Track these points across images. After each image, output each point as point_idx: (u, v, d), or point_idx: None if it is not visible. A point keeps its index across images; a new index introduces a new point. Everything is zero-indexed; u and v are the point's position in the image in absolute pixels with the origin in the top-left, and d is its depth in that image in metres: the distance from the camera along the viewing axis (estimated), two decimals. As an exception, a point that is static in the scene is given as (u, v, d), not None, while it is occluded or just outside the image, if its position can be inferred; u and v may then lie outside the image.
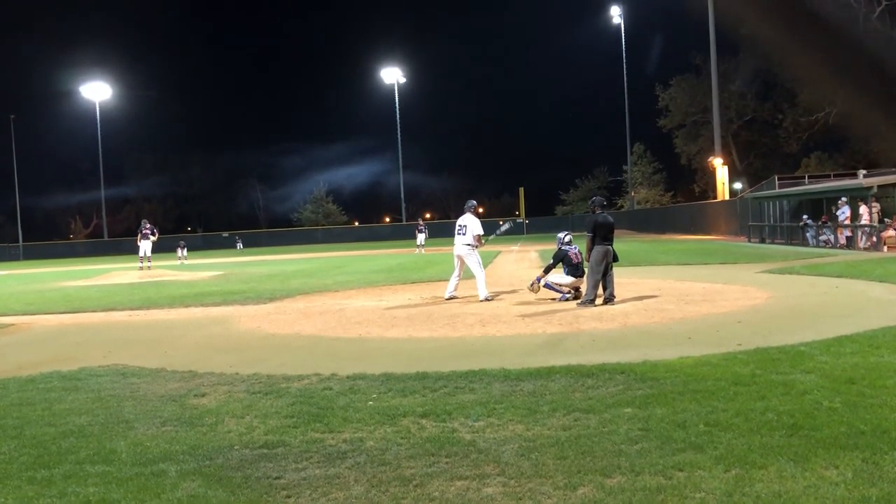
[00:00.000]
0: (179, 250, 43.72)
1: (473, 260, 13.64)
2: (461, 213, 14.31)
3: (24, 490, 4.29)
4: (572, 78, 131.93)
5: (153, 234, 32.06)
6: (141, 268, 30.36)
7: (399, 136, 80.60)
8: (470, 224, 13.72)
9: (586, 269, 12.38)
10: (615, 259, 12.23)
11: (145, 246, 31.38)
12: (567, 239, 13.36)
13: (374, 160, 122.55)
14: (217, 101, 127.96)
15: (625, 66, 70.02)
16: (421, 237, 40.88)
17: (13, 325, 12.93)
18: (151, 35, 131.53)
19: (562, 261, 13.02)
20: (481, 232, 13.85)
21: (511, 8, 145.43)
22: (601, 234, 12.02)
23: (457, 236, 13.83)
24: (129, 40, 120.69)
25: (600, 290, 12.00)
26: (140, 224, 33.26)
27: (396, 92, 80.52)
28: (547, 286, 13.10)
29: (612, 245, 12.16)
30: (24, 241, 76.05)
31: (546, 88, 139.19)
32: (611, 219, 12.49)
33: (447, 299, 13.68)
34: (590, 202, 13.08)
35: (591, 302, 11.79)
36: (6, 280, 30.18)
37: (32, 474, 4.54)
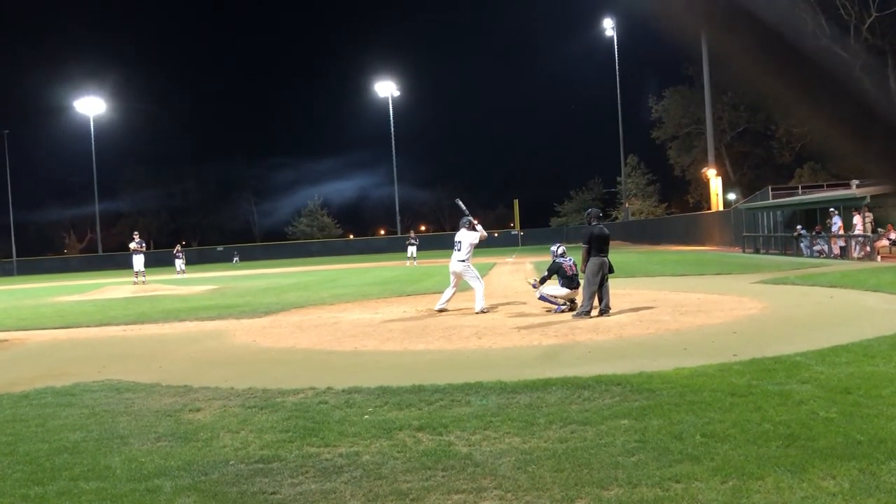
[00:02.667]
0: (178, 262, 43.55)
1: (470, 274, 13.68)
2: (456, 225, 14.35)
3: (18, 507, 4.26)
4: (566, 90, 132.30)
5: (141, 246, 32.09)
6: (136, 282, 30.28)
7: (394, 148, 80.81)
8: (464, 239, 13.75)
9: (581, 281, 12.39)
10: (611, 270, 12.25)
11: (139, 261, 31.35)
12: (561, 251, 13.38)
13: (368, 173, 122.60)
14: (211, 114, 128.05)
15: (618, 78, 70.35)
16: (412, 249, 40.96)
17: (7, 340, 12.87)
18: (145, 50, 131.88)
19: (556, 273, 13.03)
20: (476, 241, 13.87)
21: (505, 20, 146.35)
22: (597, 246, 12.04)
23: (453, 252, 13.88)
24: (123, 55, 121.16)
25: (596, 302, 12.00)
26: (133, 237, 33.20)
27: (391, 105, 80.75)
28: (542, 298, 13.10)
29: (607, 256, 12.18)
30: (18, 256, 75.81)
31: (540, 100, 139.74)
32: (606, 230, 12.51)
33: (438, 311, 13.68)
34: (586, 213, 13.09)
35: (587, 313, 11.79)
36: (0, 295, 30.06)
37: (26, 491, 4.50)
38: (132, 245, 31.99)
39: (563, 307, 12.79)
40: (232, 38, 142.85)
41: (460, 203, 14.45)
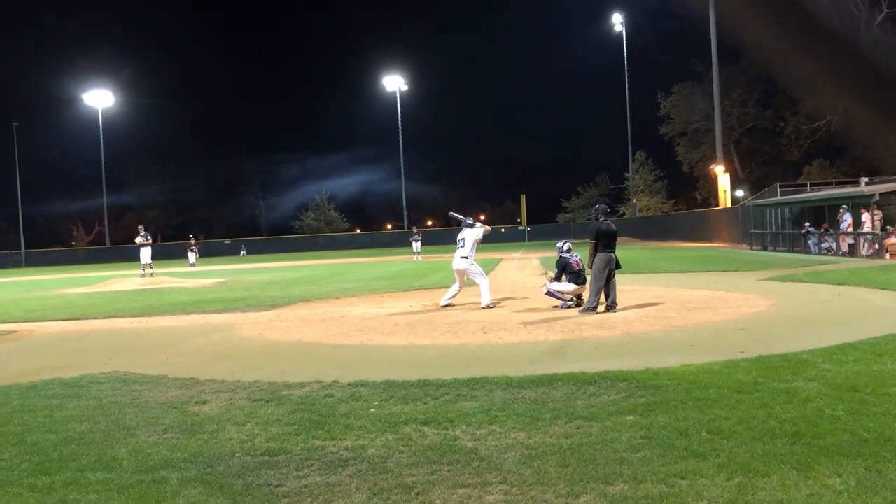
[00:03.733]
0: (191, 255, 43.97)
1: (475, 271, 13.73)
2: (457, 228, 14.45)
3: (26, 497, 4.29)
4: (574, 86, 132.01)
5: (147, 239, 31.99)
6: (143, 275, 30.31)
7: (401, 143, 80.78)
8: (468, 236, 13.79)
9: (588, 277, 12.38)
10: (618, 266, 12.23)
11: (146, 254, 31.32)
12: (566, 247, 13.37)
13: (375, 168, 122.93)
14: (218, 108, 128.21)
15: (626, 74, 70.13)
16: (416, 245, 41.24)
17: (15, 331, 12.94)
18: (153, 43, 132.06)
19: (563, 269, 13.02)
20: (480, 236, 13.90)
21: (513, 16, 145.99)
22: (604, 242, 12.02)
23: (457, 249, 13.91)
24: (132, 48, 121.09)
25: (602, 298, 11.98)
26: (138, 230, 33.12)
27: (398, 99, 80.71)
28: (549, 293, 13.11)
29: (614, 252, 12.15)
30: (26, 248, 76.16)
31: (548, 96, 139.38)
32: (614, 226, 12.49)
33: (442, 306, 13.69)
34: (593, 209, 13.09)
35: (594, 309, 11.77)
36: (8, 287, 30.21)
37: (34, 481, 4.53)
38: (138, 239, 31.97)
39: (570, 303, 12.78)
40: (240, 33, 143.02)
41: (454, 214, 14.62)
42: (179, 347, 10.27)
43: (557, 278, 13.15)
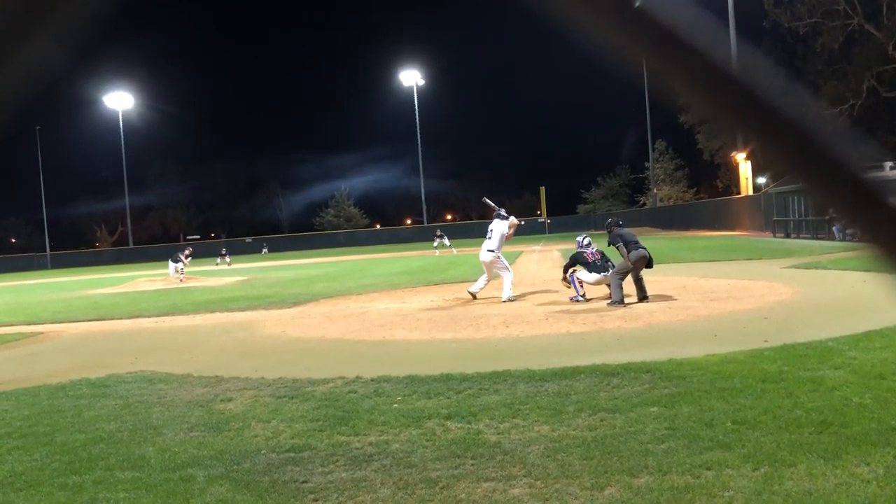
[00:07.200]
0: (219, 258, 44.26)
1: (500, 265, 13.73)
2: (483, 214, 14.42)
3: (56, 496, 4.35)
4: (592, 75, 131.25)
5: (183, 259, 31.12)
6: (182, 279, 29.71)
7: (419, 138, 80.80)
8: (496, 227, 13.80)
9: (608, 270, 12.27)
10: (649, 265, 12.02)
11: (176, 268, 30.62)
12: (586, 241, 13.25)
13: (394, 163, 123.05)
14: (238, 107, 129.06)
15: (644, 63, 69.40)
16: (440, 242, 41.35)
17: (42, 333, 13.12)
18: (172, 45, 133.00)
19: (578, 262, 12.87)
20: (506, 230, 13.88)
21: (529, 6, 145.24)
22: (632, 241, 11.93)
23: (485, 241, 13.94)
24: (151, 51, 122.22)
25: (635, 290, 11.88)
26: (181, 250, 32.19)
27: (416, 94, 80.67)
28: (572, 280, 13.01)
29: (646, 250, 11.97)
30: (51, 250, 77.16)
31: (566, 86, 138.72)
32: (631, 231, 12.53)
33: (469, 291, 13.91)
34: (605, 224, 12.99)
35: (620, 302, 11.64)
36: (35, 289, 30.63)
37: (64, 480, 4.60)
38: (181, 266, 30.89)
39: (581, 298, 12.67)
40: (259, 33, 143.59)
41: (488, 201, 14.54)
42: (203, 346, 10.36)
43: (565, 270, 12.98)
